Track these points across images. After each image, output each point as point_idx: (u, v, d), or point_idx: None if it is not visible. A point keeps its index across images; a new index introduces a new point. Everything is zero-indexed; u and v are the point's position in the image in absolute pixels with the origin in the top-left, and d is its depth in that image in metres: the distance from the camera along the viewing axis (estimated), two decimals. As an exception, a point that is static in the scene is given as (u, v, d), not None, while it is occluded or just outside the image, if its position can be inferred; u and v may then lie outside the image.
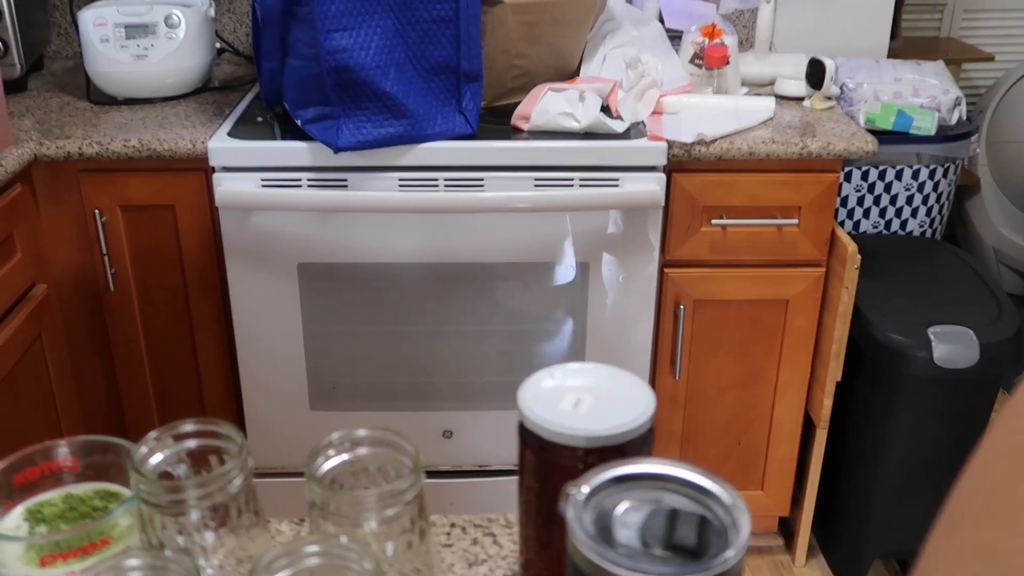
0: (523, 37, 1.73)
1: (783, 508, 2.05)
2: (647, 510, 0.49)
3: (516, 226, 1.69)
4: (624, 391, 0.62)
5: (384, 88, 1.56)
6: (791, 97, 1.93)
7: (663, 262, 1.78)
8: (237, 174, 1.64)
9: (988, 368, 1.74)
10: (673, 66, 1.91)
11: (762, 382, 1.91)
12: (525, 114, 1.68)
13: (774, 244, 1.77)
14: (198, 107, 1.86)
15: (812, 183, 1.73)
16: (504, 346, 1.81)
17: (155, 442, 0.59)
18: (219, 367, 1.85)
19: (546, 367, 0.65)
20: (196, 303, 1.80)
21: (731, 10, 2.08)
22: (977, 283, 1.95)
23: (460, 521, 0.79)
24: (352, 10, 1.53)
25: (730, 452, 1.98)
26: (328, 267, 1.72)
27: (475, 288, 1.75)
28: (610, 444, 0.58)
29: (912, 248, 2.12)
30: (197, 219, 1.73)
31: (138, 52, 1.84)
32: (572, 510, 0.48)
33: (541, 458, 0.60)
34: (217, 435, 0.60)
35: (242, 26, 2.27)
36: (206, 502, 0.56)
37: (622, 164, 1.65)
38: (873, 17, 2.25)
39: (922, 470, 1.86)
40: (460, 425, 1.87)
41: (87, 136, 1.68)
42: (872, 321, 1.81)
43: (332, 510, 0.56)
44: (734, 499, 0.49)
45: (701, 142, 1.67)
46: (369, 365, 1.82)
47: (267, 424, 1.85)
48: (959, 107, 2.10)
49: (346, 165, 1.62)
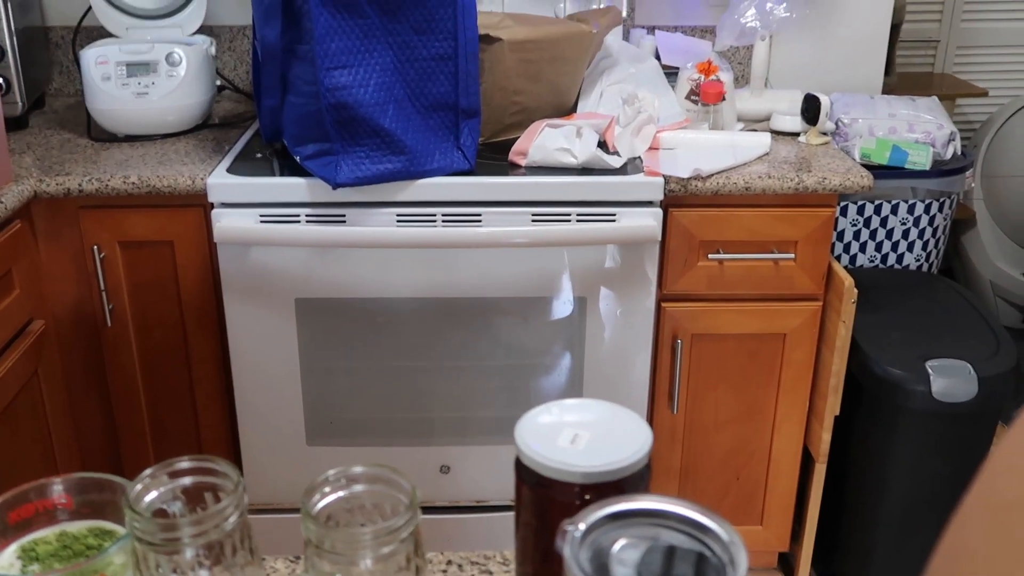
0: (521, 74, 1.74)
1: (783, 543, 2.03)
2: (644, 547, 0.49)
3: (514, 261, 1.70)
4: (621, 427, 0.62)
5: (383, 124, 1.57)
6: (787, 132, 1.95)
7: (660, 296, 1.79)
8: (236, 210, 1.65)
9: (987, 401, 1.74)
10: (669, 102, 1.93)
11: (760, 416, 1.90)
12: (523, 150, 1.70)
13: (771, 278, 1.77)
14: (198, 144, 1.88)
15: (808, 218, 1.74)
16: (502, 381, 1.81)
17: (150, 479, 0.59)
18: (216, 403, 1.85)
19: (543, 402, 0.65)
20: (193, 339, 1.80)
21: (727, 47, 2.10)
22: (974, 317, 1.95)
23: (457, 558, 0.78)
24: (352, 48, 1.54)
25: (729, 487, 1.97)
26: (326, 302, 1.72)
27: (473, 323, 1.75)
28: (607, 480, 0.58)
29: (909, 282, 2.12)
30: (196, 255, 1.73)
31: (139, 90, 1.86)
32: (568, 547, 0.48)
33: (538, 494, 0.60)
34: (213, 472, 0.60)
35: (243, 64, 2.29)
36: (201, 540, 0.56)
37: (619, 199, 1.66)
38: (867, 53, 2.28)
39: (922, 504, 1.85)
40: (458, 460, 1.86)
41: (87, 173, 1.69)
42: (870, 355, 1.81)
43: (328, 547, 0.56)
44: (731, 536, 0.48)
45: (697, 177, 1.68)
46: (366, 400, 1.81)
47: (264, 460, 1.84)
48: (953, 142, 2.12)
49: (344, 201, 1.63)
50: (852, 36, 2.24)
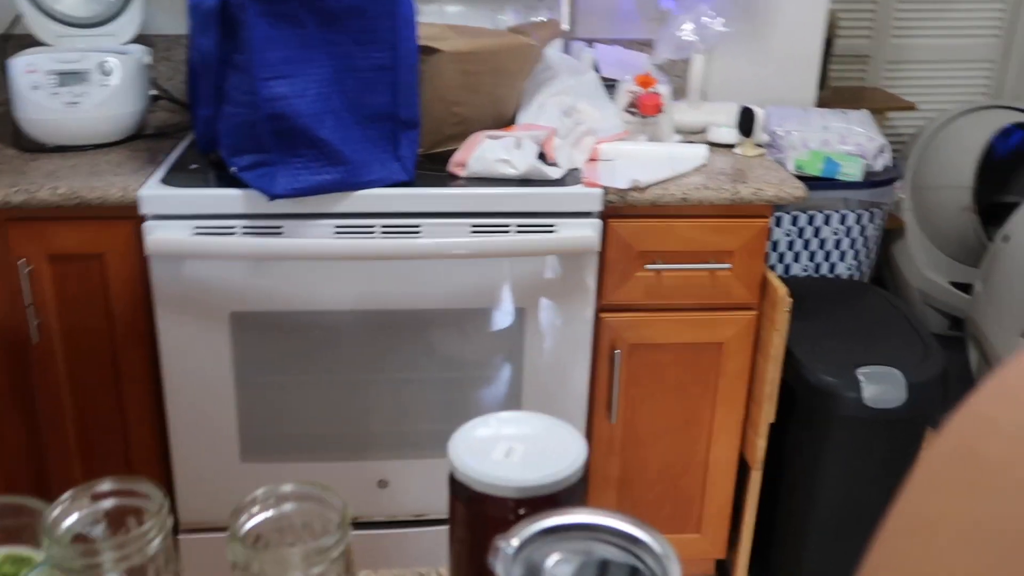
0: (461, 85, 1.74)
1: (720, 550, 2.05)
2: (578, 562, 0.49)
3: (453, 272, 1.69)
4: (556, 440, 0.62)
5: (321, 135, 1.56)
6: (723, 144, 1.97)
7: (599, 307, 1.79)
8: (169, 222, 1.61)
9: (916, 407, 1.78)
10: (608, 114, 1.94)
11: (697, 425, 1.92)
12: (462, 161, 1.69)
13: (708, 288, 1.80)
14: (131, 154, 1.84)
15: (744, 228, 1.76)
16: (441, 394, 1.80)
17: (70, 503, 0.57)
18: (147, 420, 1.81)
19: (479, 416, 0.65)
20: (124, 354, 1.75)
21: (664, 60, 2.12)
22: (904, 324, 1.99)
23: (389, 575, 0.77)
24: (290, 58, 1.52)
25: (666, 495, 1.98)
26: (262, 315, 1.70)
27: (411, 335, 1.74)
28: (541, 494, 0.58)
29: (841, 291, 2.17)
30: (127, 268, 1.69)
31: (70, 99, 1.81)
32: (501, 564, 0.48)
33: (471, 510, 0.59)
34: (136, 494, 0.58)
35: (178, 73, 2.25)
36: (123, 565, 0.54)
37: (558, 210, 1.67)
38: (801, 67, 2.32)
39: (854, 509, 1.88)
40: (396, 475, 1.84)
41: (14, 184, 1.64)
42: (803, 363, 1.84)
43: (255, 571, 0.54)
44: (664, 548, 0.49)
45: (636, 188, 1.69)
46: (303, 415, 1.79)
47: (196, 478, 1.80)
48: (884, 154, 2.17)
49: (281, 212, 1.61)
50: (787, 51, 2.29)
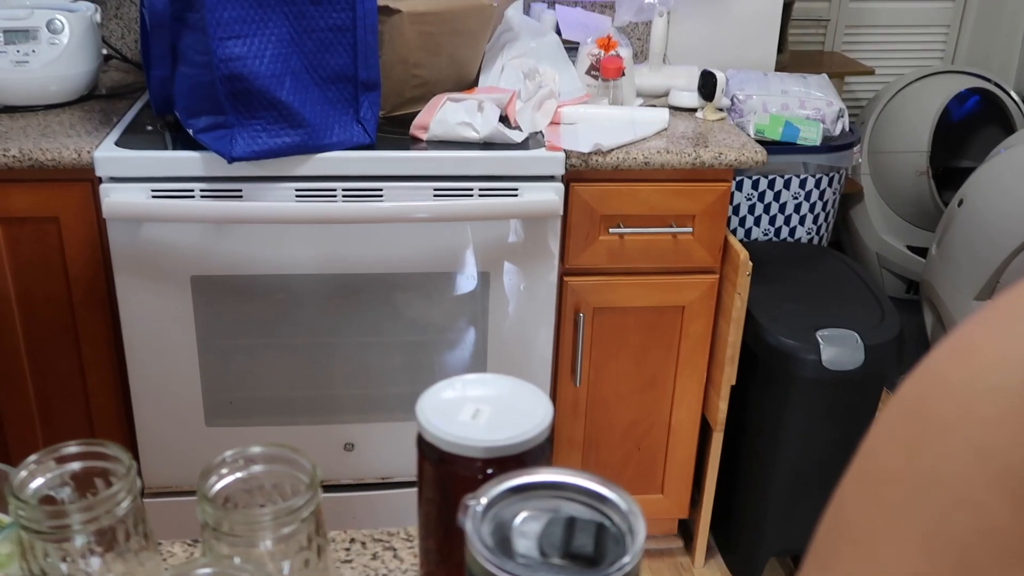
0: (421, 47, 1.73)
1: (682, 511, 2.09)
2: (545, 519, 0.49)
3: (416, 236, 1.69)
4: (522, 401, 0.63)
5: (279, 97, 1.54)
6: (684, 108, 1.98)
7: (563, 271, 1.80)
8: (126, 184, 1.59)
9: (872, 369, 1.82)
10: (570, 77, 1.93)
11: (660, 387, 1.94)
12: (424, 124, 1.68)
13: (670, 252, 1.81)
14: (84, 115, 1.80)
15: (705, 192, 1.77)
16: (405, 357, 1.80)
17: (36, 465, 0.56)
18: (108, 385, 1.79)
19: (446, 378, 0.65)
20: (83, 318, 1.73)
21: (626, 23, 2.12)
22: (861, 287, 2.03)
23: (360, 536, 0.78)
24: (246, 17, 1.50)
25: (630, 457, 2.01)
26: (223, 279, 1.68)
27: (375, 299, 1.74)
28: (508, 454, 0.58)
29: (800, 254, 2.20)
30: (83, 231, 1.66)
31: (18, 58, 1.77)
32: (470, 522, 0.48)
33: (440, 470, 0.60)
34: (103, 456, 0.58)
35: (130, 32, 2.20)
36: (91, 526, 0.54)
37: (521, 174, 1.67)
38: (761, 31, 2.33)
39: (814, 469, 1.92)
40: (362, 437, 1.84)
41: (-37, 145, 1.60)
42: (764, 326, 1.86)
43: (226, 530, 0.55)
44: (630, 505, 0.49)
45: (598, 152, 1.69)
46: (267, 379, 1.78)
47: (161, 442, 1.79)
48: (842, 119, 2.19)
49: (241, 175, 1.59)
50: (746, 14, 2.29)
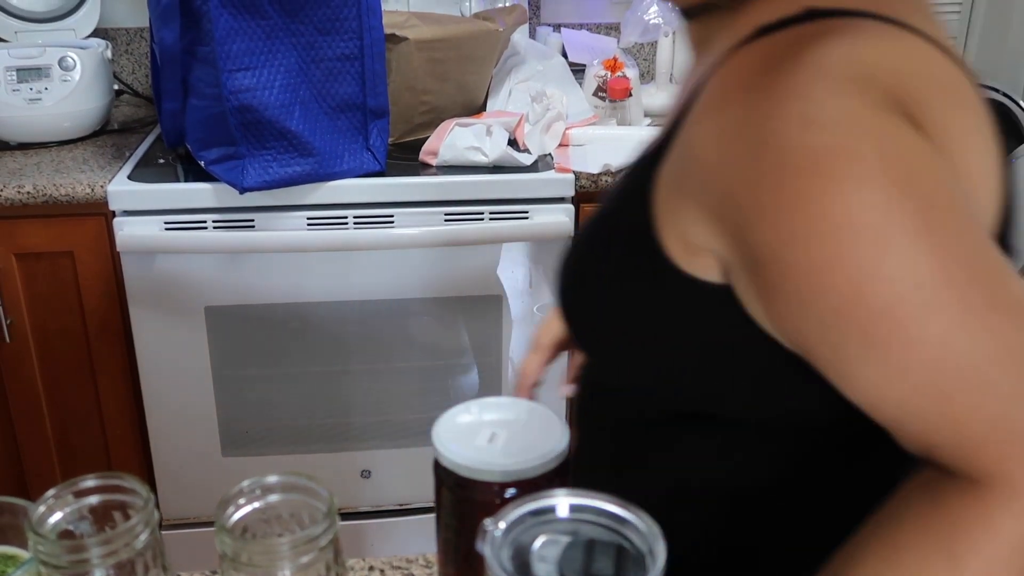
0: (429, 73, 1.74)
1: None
2: (565, 543, 0.49)
3: (428, 261, 1.69)
4: (538, 424, 0.63)
5: (289, 127, 1.55)
6: (692, 127, 1.98)
7: (575, 292, 1.80)
8: (139, 218, 1.60)
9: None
10: (577, 99, 1.94)
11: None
12: (433, 149, 1.69)
13: (682, 270, 1.80)
14: (96, 150, 1.82)
15: (716, 210, 1.77)
16: (420, 382, 1.80)
17: (54, 500, 0.57)
18: (125, 417, 1.79)
19: (461, 403, 0.65)
20: (98, 352, 1.74)
21: (631, 43, 2.13)
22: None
23: (378, 564, 0.78)
24: (254, 49, 1.51)
25: (649, 477, 2.00)
26: (237, 309, 1.69)
27: (389, 325, 1.74)
28: (526, 478, 0.58)
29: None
30: (98, 265, 1.67)
31: (31, 96, 1.79)
32: (489, 547, 0.48)
33: (457, 495, 0.60)
34: (121, 489, 0.58)
35: (141, 67, 2.22)
36: (110, 560, 0.54)
37: (531, 196, 1.67)
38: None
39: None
40: (378, 464, 1.84)
41: (-22, 183, 1.62)
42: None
43: (244, 561, 0.54)
44: (649, 527, 0.49)
45: (607, 172, 1.70)
46: (282, 408, 1.78)
47: (177, 474, 1.79)
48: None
49: (253, 205, 1.60)
50: (752, 31, 2.30)
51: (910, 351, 0.50)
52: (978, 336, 0.49)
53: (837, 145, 0.50)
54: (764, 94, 0.53)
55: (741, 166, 0.53)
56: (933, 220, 0.50)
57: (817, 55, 0.52)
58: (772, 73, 0.53)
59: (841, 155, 0.50)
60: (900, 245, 0.49)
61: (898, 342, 0.50)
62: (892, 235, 0.49)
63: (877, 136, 0.51)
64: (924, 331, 0.49)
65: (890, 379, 0.51)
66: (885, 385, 0.51)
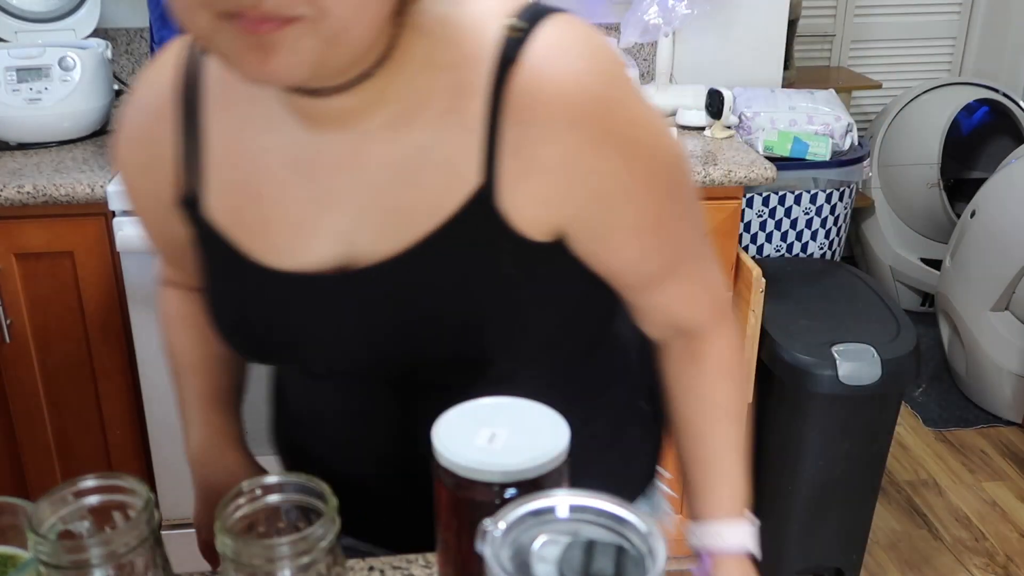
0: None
1: (702, 530, 2.07)
2: (564, 543, 0.49)
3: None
4: (538, 424, 0.62)
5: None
6: (692, 127, 1.98)
7: (575, 292, 1.80)
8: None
9: (889, 383, 1.81)
10: (577, 99, 1.94)
11: (677, 407, 1.93)
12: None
13: (682, 271, 1.80)
14: (96, 150, 1.81)
15: (716, 210, 1.77)
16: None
17: (54, 500, 0.57)
18: (125, 417, 1.79)
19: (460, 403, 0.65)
20: (98, 352, 1.74)
21: (631, 43, 2.13)
22: (876, 301, 2.02)
23: (379, 564, 0.78)
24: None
25: (649, 477, 2.00)
26: (237, 309, 1.69)
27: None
28: (525, 478, 0.58)
29: (814, 270, 2.19)
30: (98, 265, 1.67)
31: (31, 96, 1.79)
32: (489, 547, 0.48)
33: (457, 496, 0.59)
34: (120, 489, 0.58)
35: (141, 67, 2.22)
36: (110, 560, 0.54)
37: (531, 197, 1.67)
38: (767, 49, 2.33)
39: (833, 485, 1.90)
40: (378, 464, 1.84)
41: (-22, 183, 1.62)
42: (779, 342, 1.85)
43: (244, 561, 0.54)
44: (649, 527, 0.49)
45: (607, 173, 1.69)
46: (283, 408, 1.78)
47: (177, 474, 1.79)
48: (851, 133, 2.19)
49: (252, 205, 1.60)
50: (751, 32, 2.30)
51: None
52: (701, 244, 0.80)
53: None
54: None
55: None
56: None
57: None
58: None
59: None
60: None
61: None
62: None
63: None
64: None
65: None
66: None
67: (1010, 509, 2.31)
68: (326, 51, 0.59)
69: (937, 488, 2.39)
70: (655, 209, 0.72)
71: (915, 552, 2.17)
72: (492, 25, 0.67)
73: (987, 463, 2.48)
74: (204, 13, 0.58)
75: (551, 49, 0.66)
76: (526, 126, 0.66)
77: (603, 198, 0.69)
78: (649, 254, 0.75)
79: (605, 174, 0.68)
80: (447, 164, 0.68)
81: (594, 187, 0.68)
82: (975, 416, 2.66)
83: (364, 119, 0.69)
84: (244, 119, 0.72)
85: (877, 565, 2.13)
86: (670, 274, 0.77)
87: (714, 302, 0.81)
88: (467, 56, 0.67)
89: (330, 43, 0.59)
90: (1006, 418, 2.63)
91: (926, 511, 2.30)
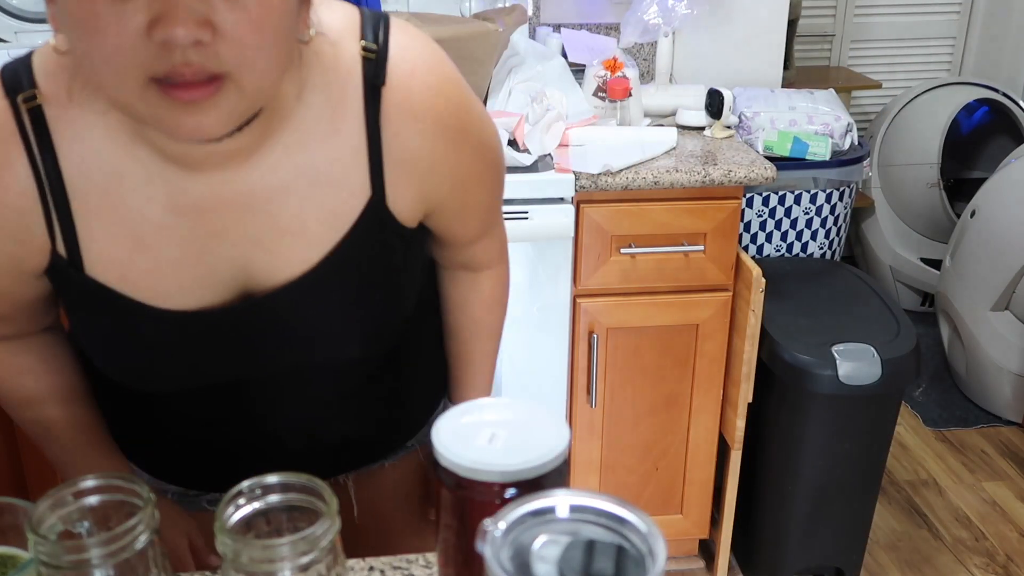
0: (428, 73, 1.73)
1: (703, 531, 2.07)
2: (565, 543, 0.49)
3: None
4: (538, 424, 0.62)
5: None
6: (692, 127, 1.98)
7: (575, 292, 1.80)
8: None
9: (890, 383, 1.81)
10: (577, 99, 1.94)
11: (677, 407, 1.93)
12: (433, 150, 1.69)
13: (682, 270, 1.81)
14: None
15: (716, 210, 1.77)
16: (420, 382, 1.80)
17: (54, 500, 0.57)
18: (125, 417, 1.79)
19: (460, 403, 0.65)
20: (99, 352, 1.73)
21: (631, 44, 2.13)
22: (876, 301, 2.02)
23: (379, 564, 0.78)
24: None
25: (649, 478, 2.00)
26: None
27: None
28: (526, 478, 0.58)
29: (813, 269, 2.19)
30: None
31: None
32: (489, 547, 0.48)
33: (457, 495, 0.59)
34: (121, 489, 0.58)
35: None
36: (111, 560, 0.54)
37: (531, 197, 1.67)
38: (766, 48, 2.33)
39: (834, 485, 1.90)
40: (378, 464, 1.84)
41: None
42: (779, 342, 1.85)
43: (244, 561, 0.54)
44: (649, 527, 0.49)
45: (607, 173, 1.70)
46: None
47: (178, 474, 1.79)
48: (850, 133, 2.19)
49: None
50: (751, 32, 2.30)
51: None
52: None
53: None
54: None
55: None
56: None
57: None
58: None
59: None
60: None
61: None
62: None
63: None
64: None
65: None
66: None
67: (1010, 509, 2.31)
68: (246, 105, 0.65)
69: (937, 488, 2.39)
70: (492, 186, 0.89)
71: (915, 552, 2.18)
72: (347, 46, 0.76)
73: (987, 463, 2.48)
74: (135, 77, 0.61)
75: (407, 65, 0.78)
76: (402, 137, 0.77)
77: (462, 184, 0.84)
78: (484, 220, 0.92)
79: (463, 165, 0.83)
80: (340, 182, 0.77)
81: (456, 177, 0.83)
82: (975, 416, 2.67)
83: (252, 154, 0.74)
84: (118, 177, 0.73)
85: (877, 565, 2.13)
86: (487, 231, 0.94)
87: (501, 248, 0.99)
88: (333, 78, 0.75)
89: (251, 97, 0.65)
90: (1006, 418, 2.63)
91: (926, 511, 2.31)
